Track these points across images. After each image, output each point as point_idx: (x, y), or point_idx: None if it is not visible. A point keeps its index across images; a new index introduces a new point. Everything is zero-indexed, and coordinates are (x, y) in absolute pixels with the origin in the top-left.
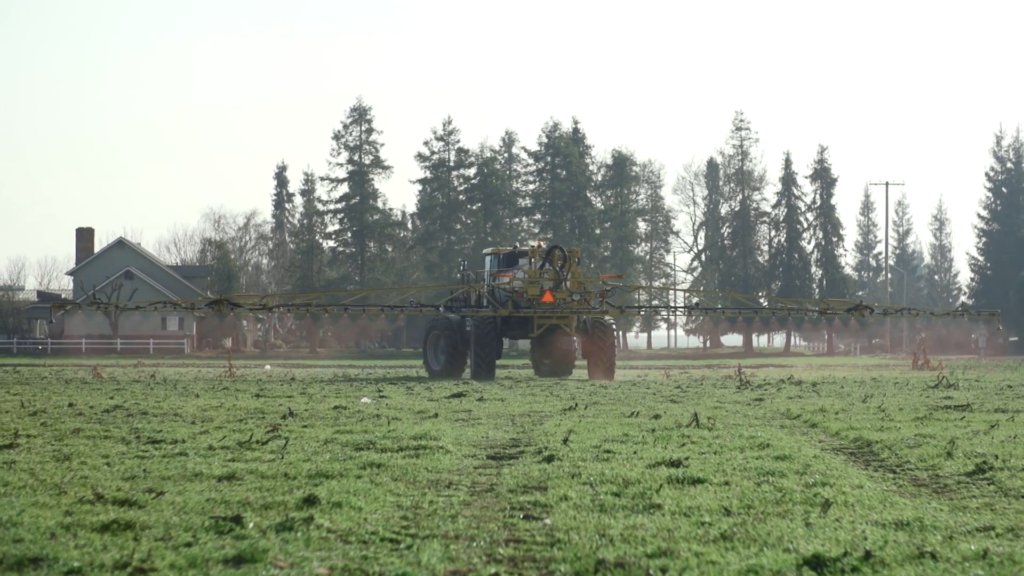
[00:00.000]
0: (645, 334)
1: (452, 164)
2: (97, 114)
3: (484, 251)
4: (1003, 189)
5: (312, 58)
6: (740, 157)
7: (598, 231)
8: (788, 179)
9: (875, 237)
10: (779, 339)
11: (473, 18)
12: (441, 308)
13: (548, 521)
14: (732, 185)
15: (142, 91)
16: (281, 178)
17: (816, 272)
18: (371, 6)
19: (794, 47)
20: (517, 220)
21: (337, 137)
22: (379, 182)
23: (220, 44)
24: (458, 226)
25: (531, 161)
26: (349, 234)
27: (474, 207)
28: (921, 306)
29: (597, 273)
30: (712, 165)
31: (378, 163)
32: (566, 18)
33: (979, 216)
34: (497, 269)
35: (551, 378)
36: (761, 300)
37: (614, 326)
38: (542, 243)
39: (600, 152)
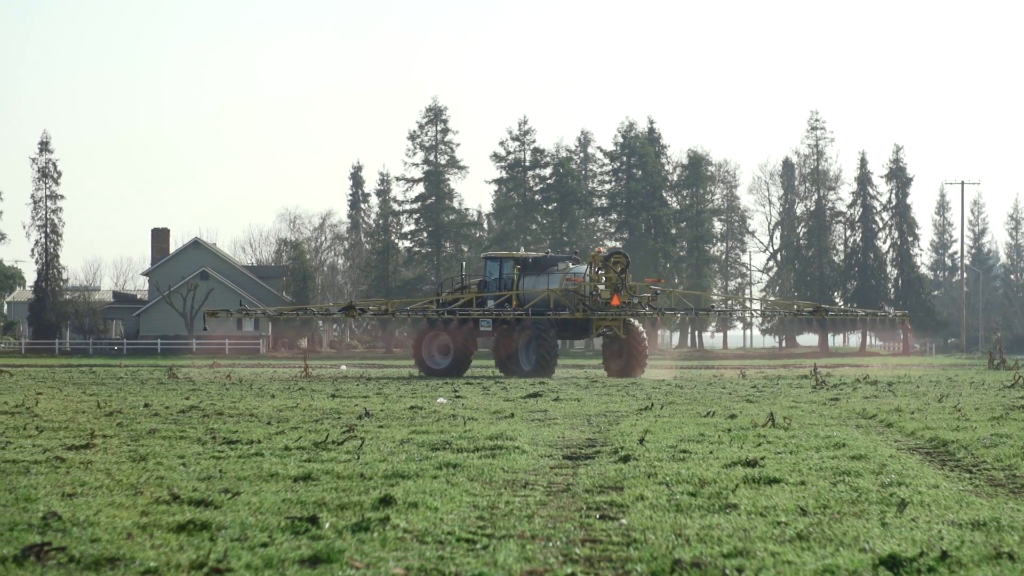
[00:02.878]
0: (721, 334)
1: (528, 164)
2: (173, 114)
3: (485, 255)
4: None
5: (387, 59)
6: (815, 157)
7: (674, 231)
8: (863, 179)
9: (951, 237)
10: (854, 339)
11: (548, 18)
12: (529, 312)
13: (624, 521)
14: (807, 185)
15: (218, 90)
16: (357, 178)
17: (892, 272)
18: (446, 6)
19: (869, 46)
20: (593, 220)
21: (413, 137)
22: (455, 182)
23: (295, 43)
24: (534, 226)
25: (607, 161)
26: (425, 234)
27: (550, 207)
28: (999, 305)
29: (664, 276)
30: (788, 165)
31: (454, 163)
32: (641, 18)
33: None
34: (522, 274)
35: (617, 380)
36: (836, 300)
37: (640, 327)
38: (602, 249)
39: (676, 152)
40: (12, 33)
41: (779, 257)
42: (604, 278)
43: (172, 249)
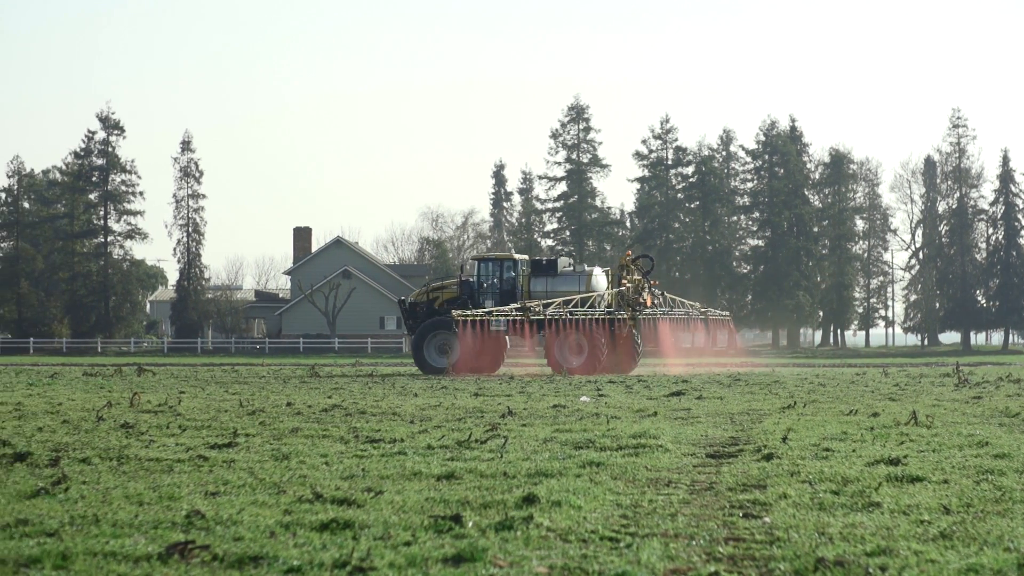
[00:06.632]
0: (863, 332)
1: (670, 162)
2: (316, 113)
3: (474, 256)
4: None
5: (529, 57)
6: (957, 155)
7: (816, 229)
8: (1006, 176)
9: None
10: (997, 337)
11: (690, 16)
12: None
13: (767, 519)
14: (949, 183)
15: (359, 92)
16: (499, 177)
17: None
18: (589, 4)
19: (1010, 44)
20: (735, 218)
21: (555, 136)
22: (597, 180)
23: (439, 41)
24: (676, 224)
25: (749, 159)
26: (567, 233)
27: (692, 205)
28: None
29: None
30: (929, 163)
31: (596, 162)
32: (782, 16)
33: None
34: (532, 276)
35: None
36: (979, 298)
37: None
38: (630, 252)
39: (817, 150)
40: (155, 36)
41: (921, 255)
42: (632, 279)
43: (314, 248)
